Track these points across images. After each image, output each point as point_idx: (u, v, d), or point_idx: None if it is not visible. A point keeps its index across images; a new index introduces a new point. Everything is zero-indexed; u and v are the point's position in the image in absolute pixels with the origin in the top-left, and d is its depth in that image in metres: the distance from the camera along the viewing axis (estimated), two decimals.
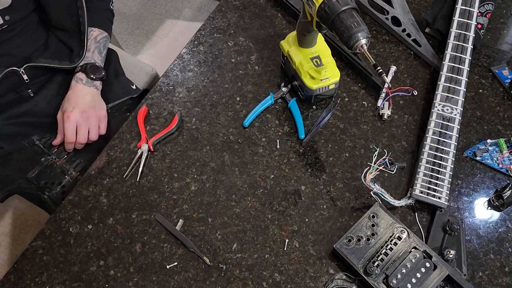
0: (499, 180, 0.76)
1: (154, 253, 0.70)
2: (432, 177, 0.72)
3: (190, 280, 0.67)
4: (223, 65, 0.89)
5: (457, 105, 0.77)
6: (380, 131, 0.81)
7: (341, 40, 0.61)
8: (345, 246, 0.66)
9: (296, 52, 0.79)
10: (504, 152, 0.77)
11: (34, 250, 0.70)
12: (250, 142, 0.80)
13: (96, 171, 0.77)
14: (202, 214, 0.73)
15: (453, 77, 0.80)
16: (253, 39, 0.92)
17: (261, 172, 0.77)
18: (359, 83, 0.86)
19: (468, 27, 0.83)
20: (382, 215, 0.68)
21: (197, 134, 0.81)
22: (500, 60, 0.89)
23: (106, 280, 0.68)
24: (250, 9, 0.96)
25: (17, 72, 0.83)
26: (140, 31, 1.92)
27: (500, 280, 0.67)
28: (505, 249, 0.70)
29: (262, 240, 0.71)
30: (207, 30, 0.94)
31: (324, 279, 0.67)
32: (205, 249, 0.70)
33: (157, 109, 0.84)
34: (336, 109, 0.83)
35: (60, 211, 0.73)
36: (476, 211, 0.73)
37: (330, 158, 0.78)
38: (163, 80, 0.87)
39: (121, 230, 0.72)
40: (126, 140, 0.80)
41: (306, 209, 0.73)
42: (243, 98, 0.85)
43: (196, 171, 0.77)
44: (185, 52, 0.91)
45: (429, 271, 0.63)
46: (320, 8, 0.62)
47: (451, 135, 0.75)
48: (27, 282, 0.68)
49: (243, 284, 0.67)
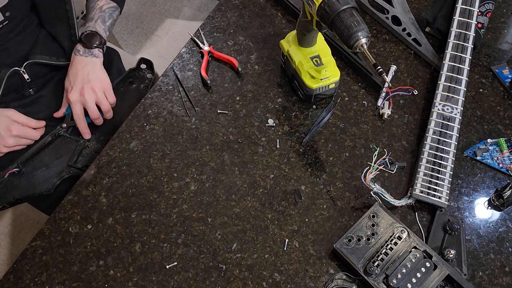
0: (500, 180, 0.76)
1: (153, 253, 0.69)
2: (432, 176, 0.72)
3: (190, 280, 0.67)
4: (223, 65, 0.89)
5: (458, 105, 0.77)
6: (380, 130, 0.81)
7: (341, 40, 0.61)
8: (345, 246, 0.66)
9: (296, 51, 0.78)
10: (504, 151, 0.77)
11: (34, 250, 0.70)
12: (250, 142, 0.79)
13: (96, 170, 0.77)
14: (201, 214, 0.73)
15: (453, 77, 0.79)
16: (253, 39, 0.92)
17: (261, 172, 0.76)
18: (359, 82, 0.86)
19: (469, 26, 0.82)
20: (382, 214, 0.68)
21: (196, 134, 0.81)
22: (500, 59, 0.89)
23: (105, 280, 0.67)
24: (250, 8, 0.96)
25: (18, 72, 0.83)
26: (139, 30, 1.92)
27: (500, 280, 0.67)
28: (505, 248, 0.70)
29: (262, 240, 0.70)
30: (207, 29, 0.93)
31: (324, 279, 0.67)
32: (205, 249, 0.70)
33: (157, 109, 0.83)
34: (336, 109, 0.83)
35: (60, 211, 0.73)
36: (476, 210, 0.73)
37: (330, 158, 0.78)
38: (162, 79, 0.87)
39: (121, 230, 0.71)
40: (126, 139, 0.80)
41: (306, 209, 0.73)
42: (242, 98, 0.84)
43: (196, 170, 0.77)
44: (184, 51, 0.91)
45: (429, 271, 0.63)
46: (320, 7, 0.61)
47: (451, 135, 0.75)
48: (27, 282, 0.67)
49: (243, 284, 0.67)
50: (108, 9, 0.90)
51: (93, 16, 0.88)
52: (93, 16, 0.88)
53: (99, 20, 0.88)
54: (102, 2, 0.90)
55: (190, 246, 0.70)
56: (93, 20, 0.87)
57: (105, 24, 0.89)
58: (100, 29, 0.87)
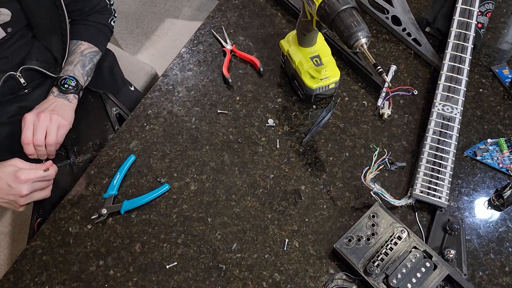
0: (499, 180, 0.76)
1: (153, 253, 0.69)
2: (432, 176, 0.72)
3: (190, 280, 0.67)
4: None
5: (458, 105, 0.77)
6: (380, 130, 0.81)
7: (341, 39, 0.61)
8: (345, 246, 0.66)
9: (296, 51, 0.78)
10: (504, 151, 0.77)
11: (34, 250, 0.70)
12: (250, 142, 0.79)
13: (96, 170, 0.77)
14: (201, 214, 0.73)
15: (453, 77, 0.79)
16: (252, 38, 0.92)
17: (261, 171, 0.76)
18: (359, 82, 0.86)
19: (469, 26, 0.82)
20: (382, 214, 0.68)
21: (196, 134, 0.81)
22: (500, 59, 0.89)
23: (105, 280, 0.67)
24: (250, 8, 0.96)
25: (14, 76, 0.83)
26: (139, 30, 1.92)
27: (500, 280, 0.67)
28: (505, 248, 0.69)
29: (262, 240, 0.70)
30: (207, 29, 0.93)
31: (324, 279, 0.67)
32: (205, 249, 0.70)
33: (157, 109, 0.83)
34: (336, 109, 0.83)
35: (60, 211, 0.73)
36: (476, 210, 0.73)
37: (330, 158, 0.78)
38: (162, 79, 0.87)
39: (121, 230, 0.71)
40: (126, 139, 0.80)
41: (306, 209, 0.73)
42: (242, 98, 0.84)
43: (196, 170, 0.77)
44: (184, 51, 0.91)
45: (429, 271, 0.63)
46: (320, 7, 0.61)
47: (451, 135, 0.75)
48: (27, 282, 0.67)
49: (243, 284, 0.67)
50: (89, 54, 0.89)
51: (73, 60, 0.87)
52: (73, 60, 0.87)
53: (79, 64, 0.87)
54: (84, 46, 0.89)
55: (190, 246, 0.70)
56: (73, 64, 0.87)
57: (85, 69, 0.88)
58: (78, 74, 0.87)
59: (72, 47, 0.89)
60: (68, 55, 0.88)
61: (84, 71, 0.88)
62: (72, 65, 0.87)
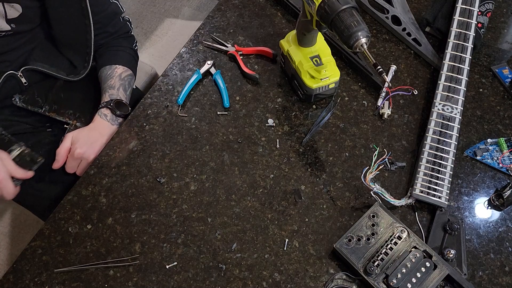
0: (499, 180, 0.76)
1: (153, 253, 0.69)
2: (432, 176, 0.72)
3: (190, 280, 0.67)
4: (223, 65, 0.89)
5: (457, 105, 0.77)
6: (380, 130, 0.81)
7: (341, 39, 0.61)
8: (345, 246, 0.66)
9: (295, 51, 0.78)
10: (504, 151, 0.77)
11: (33, 250, 0.70)
12: (250, 142, 0.79)
13: (96, 170, 0.77)
14: (201, 214, 0.73)
15: (453, 76, 0.79)
16: (252, 38, 0.92)
17: (261, 171, 0.76)
18: (359, 82, 0.86)
19: (469, 26, 0.82)
20: (382, 214, 0.68)
21: (196, 134, 0.80)
22: (500, 59, 0.89)
23: (105, 280, 0.67)
24: (250, 8, 0.96)
25: (15, 76, 0.83)
26: (139, 30, 1.91)
27: (500, 280, 0.67)
28: (505, 248, 0.69)
29: (262, 240, 0.70)
30: (207, 29, 0.93)
31: (324, 278, 0.67)
32: (205, 249, 0.70)
33: (157, 109, 0.83)
34: (336, 109, 0.83)
35: (59, 211, 0.73)
36: (476, 210, 0.73)
37: (330, 158, 0.78)
38: (162, 79, 0.87)
39: (121, 230, 0.71)
40: (126, 139, 0.80)
41: (306, 208, 0.73)
42: (242, 98, 0.84)
43: (196, 170, 0.77)
44: (184, 51, 0.91)
45: (429, 271, 0.63)
46: (320, 7, 0.61)
47: (451, 135, 0.75)
48: (26, 282, 0.67)
49: (243, 284, 0.67)
50: (126, 77, 0.89)
51: (114, 84, 0.87)
52: (114, 84, 0.87)
53: (121, 88, 0.87)
54: (120, 70, 0.89)
55: (190, 246, 0.70)
56: (115, 88, 0.86)
57: (126, 93, 0.88)
58: (123, 98, 0.86)
59: (108, 71, 0.88)
60: (104, 78, 0.88)
61: (127, 95, 0.88)
62: (115, 89, 0.86)
